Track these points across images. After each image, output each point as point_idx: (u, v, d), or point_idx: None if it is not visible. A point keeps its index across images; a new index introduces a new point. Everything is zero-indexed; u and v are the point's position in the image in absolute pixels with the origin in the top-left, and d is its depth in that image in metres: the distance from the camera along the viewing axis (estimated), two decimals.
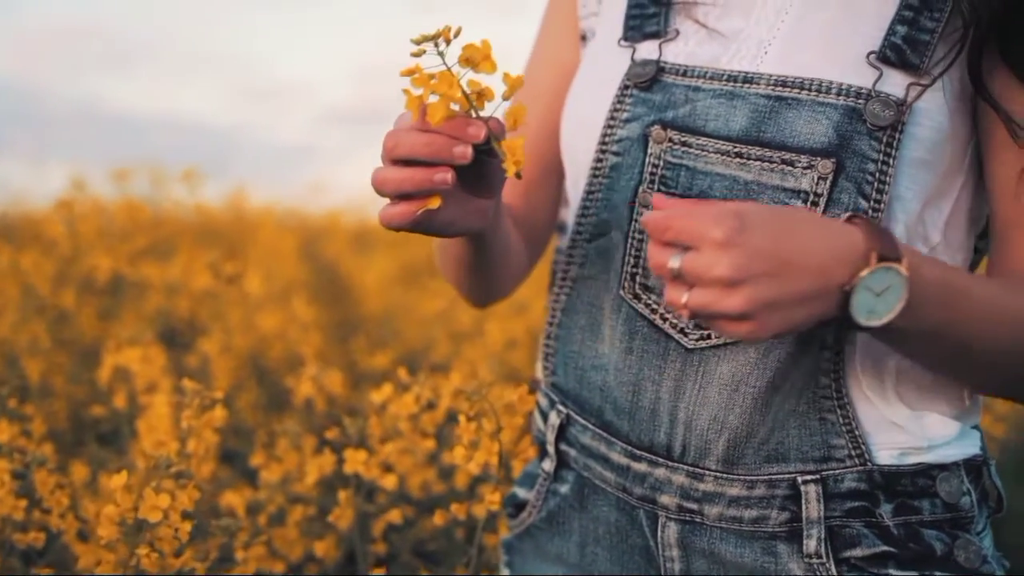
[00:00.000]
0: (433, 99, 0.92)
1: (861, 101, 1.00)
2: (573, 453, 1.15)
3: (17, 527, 1.34)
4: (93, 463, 1.90)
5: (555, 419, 1.17)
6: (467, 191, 1.00)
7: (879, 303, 0.89)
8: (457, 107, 0.93)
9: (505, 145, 0.93)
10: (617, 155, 1.10)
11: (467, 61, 0.91)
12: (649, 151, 1.07)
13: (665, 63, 1.10)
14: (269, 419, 2.42)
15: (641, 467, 1.09)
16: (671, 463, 1.07)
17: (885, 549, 1.02)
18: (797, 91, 1.02)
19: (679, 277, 0.87)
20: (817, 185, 1.00)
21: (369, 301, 3.92)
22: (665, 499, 1.08)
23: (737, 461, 1.05)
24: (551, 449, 1.17)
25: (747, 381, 1.03)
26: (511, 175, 0.93)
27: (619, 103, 1.10)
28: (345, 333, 3.57)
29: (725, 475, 1.05)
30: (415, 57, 0.92)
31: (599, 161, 1.11)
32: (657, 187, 1.06)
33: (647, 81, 1.09)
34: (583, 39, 1.24)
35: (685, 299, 0.87)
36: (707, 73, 1.07)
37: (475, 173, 0.97)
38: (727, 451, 1.04)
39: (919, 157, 1.01)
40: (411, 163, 0.94)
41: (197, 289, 2.74)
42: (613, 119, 1.10)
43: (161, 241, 3.67)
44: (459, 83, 0.91)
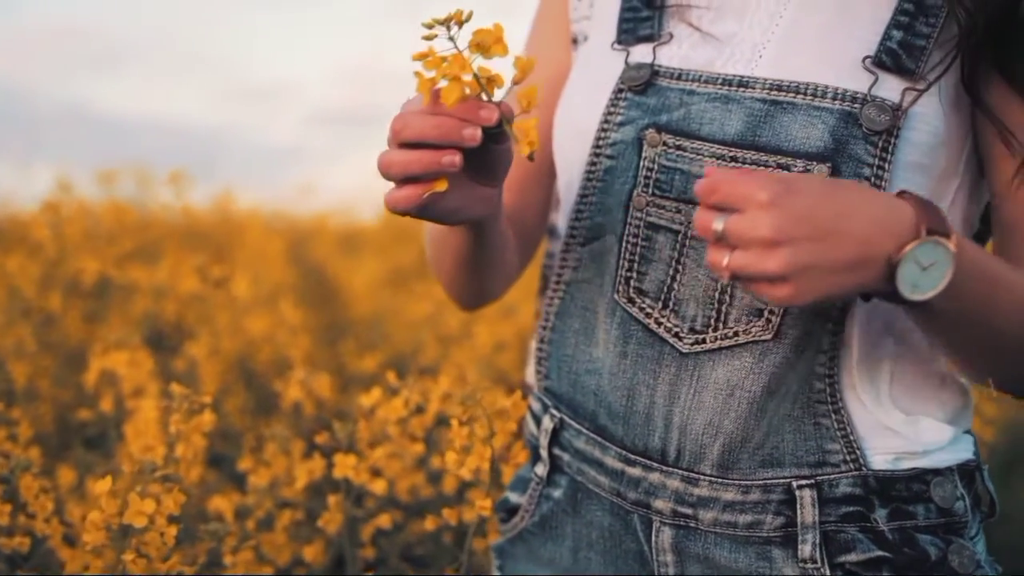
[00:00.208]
0: (443, 82, 0.92)
1: (857, 105, 1.00)
2: (566, 457, 1.15)
3: (2, 532, 1.33)
4: (79, 467, 1.89)
5: (548, 423, 1.16)
6: (472, 178, 0.99)
7: (923, 277, 0.89)
8: (468, 91, 0.93)
9: (518, 126, 0.93)
10: (611, 159, 1.10)
11: (478, 46, 0.92)
12: (643, 155, 1.07)
13: (659, 67, 1.09)
14: (257, 423, 2.41)
15: (635, 471, 1.08)
16: (665, 468, 1.06)
17: (880, 554, 1.02)
18: (792, 95, 1.02)
19: (722, 239, 0.89)
20: None
21: (357, 304, 3.91)
22: (659, 504, 1.07)
23: (732, 466, 1.04)
24: (544, 453, 1.17)
25: (742, 385, 1.03)
26: (524, 155, 0.93)
27: (613, 106, 1.10)
28: (333, 336, 3.56)
29: (720, 480, 1.05)
30: (427, 40, 0.92)
31: (593, 165, 1.11)
32: (652, 191, 1.06)
33: (641, 84, 1.09)
34: (574, 42, 1.24)
35: (726, 261, 0.88)
36: (702, 77, 1.07)
37: (481, 159, 0.97)
38: (722, 456, 1.04)
39: (915, 161, 1.01)
40: (418, 148, 0.94)
41: (184, 292, 2.72)
42: (607, 122, 1.10)
43: (148, 244, 3.66)
44: (472, 65, 0.91)
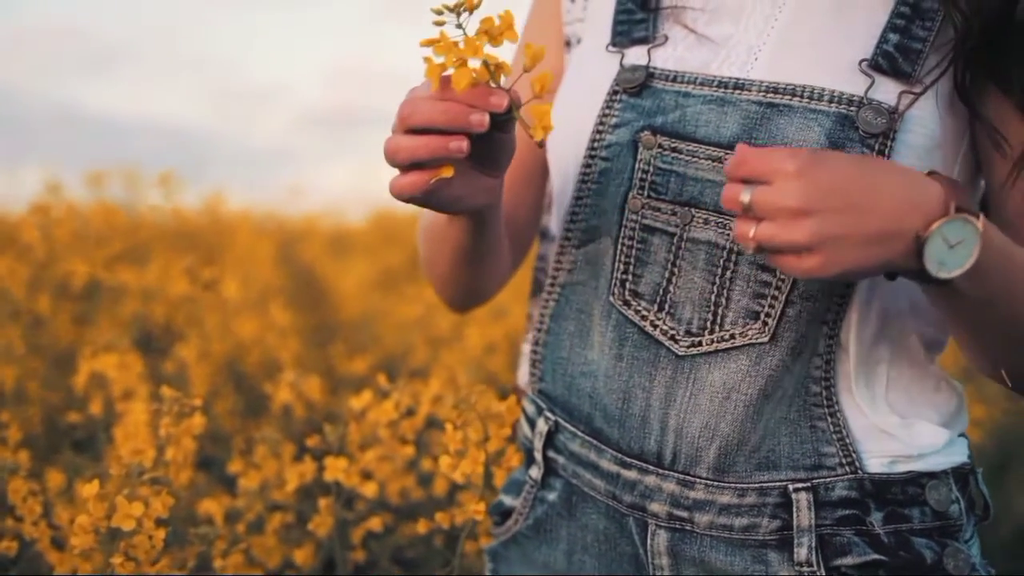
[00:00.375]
0: (450, 71, 0.92)
1: (853, 108, 1.00)
2: (561, 460, 1.15)
3: None
4: (68, 470, 1.88)
5: (543, 426, 1.16)
6: (475, 167, 1.00)
7: (950, 255, 0.89)
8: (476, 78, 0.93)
9: (532, 109, 0.94)
10: (606, 161, 1.10)
11: (486, 33, 0.92)
12: (639, 157, 1.07)
13: (654, 69, 1.09)
14: (247, 425, 2.41)
15: (631, 474, 1.08)
16: (661, 471, 1.06)
17: (876, 557, 1.02)
18: (789, 98, 1.02)
19: (749, 210, 0.89)
20: None
21: (347, 306, 3.91)
22: (655, 507, 1.07)
23: (728, 469, 1.04)
24: (539, 456, 1.17)
25: (738, 388, 1.03)
26: (537, 139, 0.94)
27: (608, 108, 1.10)
28: (323, 338, 3.56)
29: (716, 483, 1.05)
30: (437, 26, 0.92)
31: (588, 167, 1.11)
32: (647, 193, 1.06)
33: (636, 87, 1.09)
34: (567, 45, 1.24)
35: (753, 232, 0.89)
36: (697, 79, 1.07)
37: (485, 148, 0.97)
38: (718, 459, 1.04)
39: (911, 164, 1.01)
40: (425, 134, 0.94)
41: (174, 294, 2.72)
42: (602, 124, 1.10)
43: (137, 246, 3.65)
44: (484, 50, 0.91)
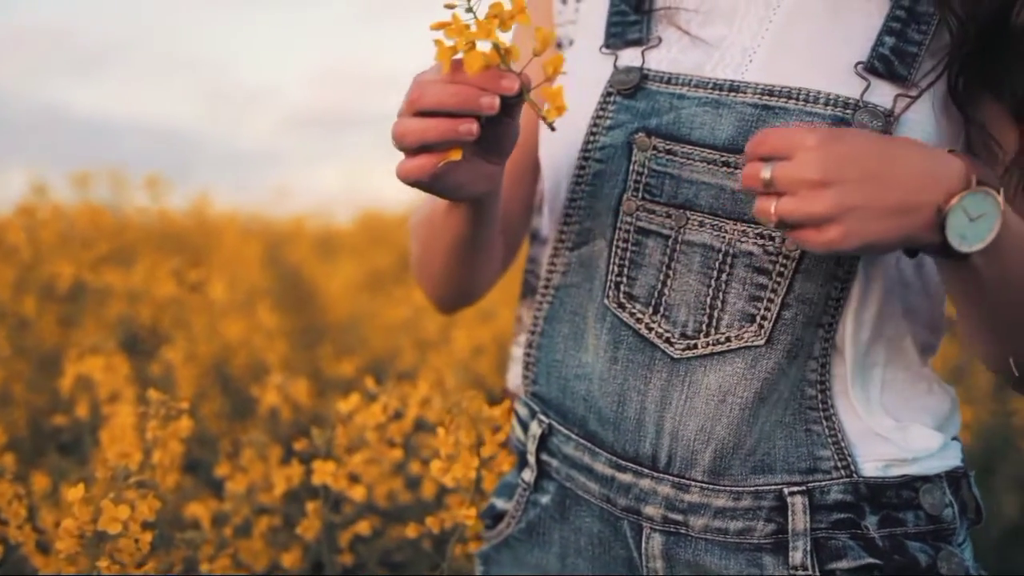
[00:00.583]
0: (460, 54, 0.92)
1: (849, 111, 1.00)
2: (555, 463, 1.14)
3: None
4: (54, 473, 1.87)
5: (536, 429, 1.15)
6: (479, 154, 1.00)
7: (972, 229, 0.90)
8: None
9: (544, 91, 0.94)
10: (600, 162, 1.09)
11: (495, 17, 0.92)
12: (633, 159, 1.07)
13: (648, 70, 1.09)
14: (233, 428, 2.40)
15: (626, 478, 1.08)
16: (656, 474, 1.06)
17: (870, 561, 1.02)
18: (784, 100, 1.02)
19: (770, 186, 0.89)
20: None
21: (334, 308, 3.90)
22: (650, 510, 1.07)
23: (723, 472, 1.04)
24: (532, 459, 1.16)
25: (734, 391, 1.03)
26: (550, 120, 0.94)
27: (602, 110, 1.09)
28: (310, 340, 3.55)
29: (711, 486, 1.04)
30: (448, 9, 0.92)
31: (582, 168, 1.11)
32: (641, 195, 1.06)
33: (630, 88, 1.08)
34: (558, 47, 1.24)
35: (774, 207, 0.89)
36: (692, 81, 1.06)
37: (490, 134, 0.97)
38: (713, 462, 1.04)
39: None
40: (434, 117, 0.94)
41: (160, 296, 2.71)
42: (596, 126, 1.10)
43: (123, 247, 3.64)
44: (496, 32, 0.91)
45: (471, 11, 0.91)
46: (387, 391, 1.57)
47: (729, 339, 1.03)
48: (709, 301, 1.03)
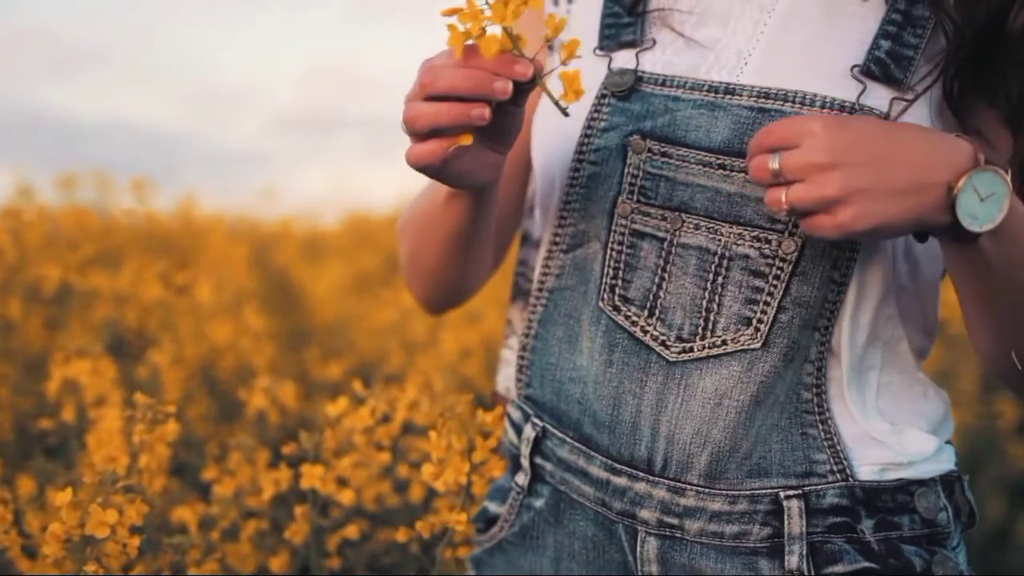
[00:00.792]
0: (470, 42, 0.93)
1: (845, 114, 1.00)
2: (549, 467, 1.14)
3: None
4: (40, 477, 1.86)
5: (530, 432, 1.15)
6: (484, 142, 1.00)
7: (982, 208, 0.90)
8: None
9: (563, 76, 0.95)
10: (595, 165, 1.09)
11: (509, 3, 0.92)
12: (628, 161, 1.06)
13: (643, 72, 1.09)
14: (220, 431, 2.39)
15: (621, 481, 1.07)
16: (652, 477, 1.06)
17: (866, 565, 1.02)
18: (780, 103, 1.02)
19: (779, 176, 0.91)
20: None
21: (321, 310, 3.90)
22: (645, 514, 1.07)
23: (719, 476, 1.04)
24: (525, 463, 1.15)
25: (730, 395, 1.03)
26: (568, 103, 0.95)
27: (596, 112, 1.09)
28: (297, 343, 3.54)
29: (707, 490, 1.04)
30: None
31: (576, 171, 1.10)
32: (636, 198, 1.06)
33: (625, 90, 1.08)
34: (550, 49, 1.24)
35: (785, 196, 0.90)
36: (687, 83, 1.06)
37: (496, 122, 0.97)
38: (710, 465, 1.04)
39: None
40: (445, 101, 0.94)
41: (147, 299, 2.70)
42: (590, 128, 1.09)
43: (110, 249, 3.62)
44: (512, 16, 0.92)
45: None
46: (375, 394, 1.57)
47: (725, 342, 1.03)
48: (705, 304, 1.03)
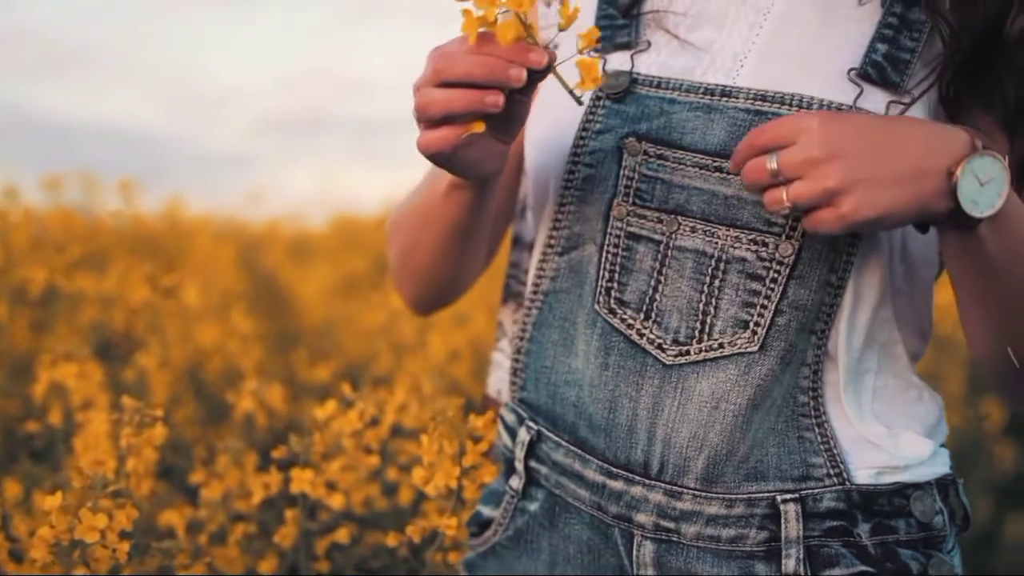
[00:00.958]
0: (478, 28, 0.93)
1: (841, 110, 1.00)
2: (544, 470, 1.13)
3: None
4: (26, 481, 1.85)
5: (525, 435, 1.14)
6: (491, 131, 0.99)
7: (982, 194, 0.91)
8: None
9: (581, 64, 0.95)
10: (590, 167, 1.08)
11: None
12: (623, 164, 1.06)
13: (638, 74, 1.08)
14: (208, 434, 2.38)
15: (617, 485, 1.07)
16: (648, 481, 1.05)
17: (863, 569, 1.02)
18: (777, 106, 1.02)
19: (778, 175, 0.92)
20: None
21: (309, 313, 3.89)
22: (641, 517, 1.06)
23: (716, 479, 1.04)
24: (520, 466, 1.15)
25: (727, 398, 1.02)
26: (586, 89, 0.95)
27: (591, 114, 1.09)
28: (285, 345, 3.53)
29: (704, 493, 1.04)
30: None
31: (571, 173, 1.10)
32: (632, 200, 1.05)
33: (620, 92, 1.08)
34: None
35: (785, 195, 0.91)
36: (682, 85, 1.06)
37: (505, 111, 0.97)
38: (706, 469, 1.03)
39: None
40: (458, 88, 0.94)
41: (134, 301, 2.69)
42: (585, 130, 1.09)
43: (96, 252, 3.61)
44: (529, 2, 0.91)
45: None
46: (363, 397, 1.56)
47: (722, 345, 1.02)
48: (702, 307, 1.03)
